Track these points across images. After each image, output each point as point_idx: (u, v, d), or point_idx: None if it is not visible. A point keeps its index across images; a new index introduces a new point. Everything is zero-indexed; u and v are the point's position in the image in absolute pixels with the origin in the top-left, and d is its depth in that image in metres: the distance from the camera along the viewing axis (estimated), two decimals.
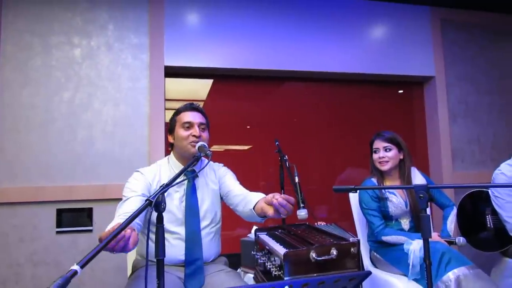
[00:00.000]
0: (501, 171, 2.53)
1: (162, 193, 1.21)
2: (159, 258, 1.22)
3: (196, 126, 1.79)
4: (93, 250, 0.92)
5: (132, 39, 2.83)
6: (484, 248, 2.55)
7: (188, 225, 1.75)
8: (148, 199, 1.18)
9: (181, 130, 1.80)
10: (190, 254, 1.72)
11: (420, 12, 3.46)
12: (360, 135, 3.39)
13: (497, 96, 3.60)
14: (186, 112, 1.84)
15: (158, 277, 1.22)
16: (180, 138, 1.79)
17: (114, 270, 2.63)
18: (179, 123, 1.82)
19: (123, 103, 2.77)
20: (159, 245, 1.22)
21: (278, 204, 1.45)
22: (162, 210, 1.22)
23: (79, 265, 0.86)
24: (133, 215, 1.11)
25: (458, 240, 2.03)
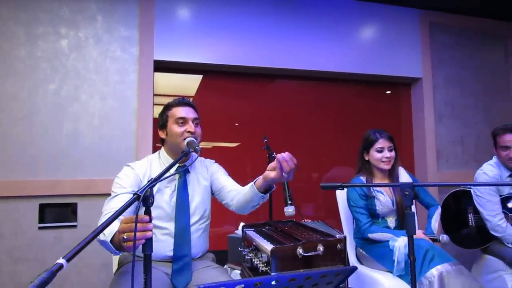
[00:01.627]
0: (483, 171, 2.60)
1: (150, 188, 1.20)
2: (146, 253, 1.21)
3: (190, 122, 1.78)
4: (80, 243, 0.91)
5: (121, 32, 2.79)
6: (466, 246, 2.61)
7: (178, 220, 1.74)
8: (136, 193, 1.17)
9: (175, 126, 1.77)
10: (179, 250, 1.72)
11: (409, 15, 3.50)
12: (348, 133, 3.42)
13: (481, 98, 3.67)
14: (179, 108, 1.81)
15: (145, 272, 1.21)
16: (175, 135, 1.77)
17: (100, 266, 2.60)
18: (172, 118, 1.79)
19: (110, 96, 2.73)
20: (146, 240, 1.20)
21: (282, 158, 1.45)
22: (150, 205, 1.21)
23: (65, 258, 0.85)
24: (121, 209, 1.10)
25: (441, 238, 2.07)
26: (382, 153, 2.33)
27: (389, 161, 2.32)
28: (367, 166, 2.41)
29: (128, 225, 1.18)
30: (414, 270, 1.45)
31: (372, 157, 2.36)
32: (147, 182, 1.22)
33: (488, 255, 2.55)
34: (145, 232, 1.15)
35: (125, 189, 1.65)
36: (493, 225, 2.44)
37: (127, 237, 1.17)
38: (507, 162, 2.51)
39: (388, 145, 2.33)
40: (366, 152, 2.40)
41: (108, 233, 1.32)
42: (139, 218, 1.14)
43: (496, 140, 2.57)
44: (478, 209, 2.53)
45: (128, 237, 1.17)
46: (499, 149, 2.54)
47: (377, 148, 2.34)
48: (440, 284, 1.89)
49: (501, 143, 2.52)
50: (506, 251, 2.41)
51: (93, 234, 0.95)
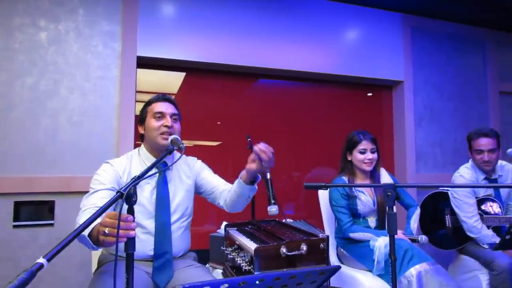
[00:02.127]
0: (460, 173, 2.67)
1: (134, 186, 1.18)
2: (128, 252, 1.18)
3: (168, 117, 1.77)
4: (61, 242, 0.88)
5: (103, 26, 2.73)
6: (443, 246, 2.67)
7: (158, 218, 1.71)
8: (120, 191, 1.15)
9: (152, 120, 1.76)
10: (159, 247, 1.69)
11: (392, 19, 3.56)
12: (329, 134, 3.45)
13: (459, 102, 3.77)
14: (158, 103, 1.81)
15: (127, 272, 1.19)
16: (151, 129, 1.76)
17: (77, 266, 2.54)
18: (151, 113, 1.79)
19: (91, 92, 2.67)
20: (129, 239, 1.18)
21: (259, 150, 1.55)
22: (133, 203, 1.19)
23: (45, 258, 0.82)
24: (104, 207, 1.08)
25: (420, 238, 2.11)
26: (364, 155, 2.36)
27: (371, 162, 2.36)
28: (349, 167, 2.44)
29: (111, 221, 1.16)
30: (395, 269, 1.48)
31: (355, 158, 2.39)
32: (131, 180, 1.20)
33: (464, 256, 2.62)
34: (127, 231, 1.14)
35: (105, 185, 1.62)
36: (469, 227, 2.51)
37: (108, 232, 1.15)
38: (482, 165, 2.58)
39: (371, 147, 2.36)
40: (349, 152, 2.43)
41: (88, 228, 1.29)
42: (123, 217, 1.12)
43: (471, 144, 2.64)
44: (455, 210, 2.60)
45: (110, 233, 1.15)
46: (474, 153, 2.61)
47: (360, 149, 2.36)
48: (419, 283, 1.93)
49: (476, 147, 2.59)
50: (481, 251, 2.47)
51: (75, 233, 0.92)
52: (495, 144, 2.55)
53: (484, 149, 2.54)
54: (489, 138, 2.55)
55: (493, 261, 2.33)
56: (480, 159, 2.56)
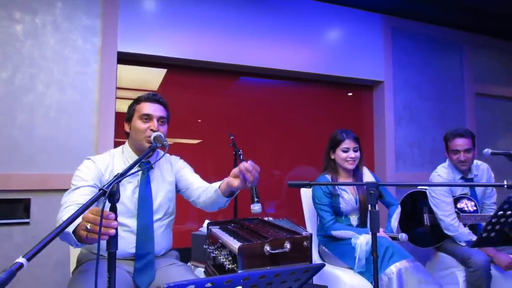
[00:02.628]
0: (437, 173, 2.73)
1: (117, 183, 1.16)
2: (111, 250, 1.16)
3: (155, 120, 1.73)
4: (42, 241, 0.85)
5: (82, 20, 2.66)
6: (421, 244, 2.73)
7: (141, 218, 1.68)
8: (102, 188, 1.12)
9: (139, 121, 1.72)
10: (141, 247, 1.66)
11: (373, 19, 3.61)
12: (311, 133, 3.47)
13: (437, 103, 3.86)
14: (147, 103, 1.76)
15: (109, 271, 1.16)
16: (137, 130, 1.72)
17: (54, 265, 2.47)
18: (138, 113, 1.74)
19: (70, 87, 2.60)
20: (111, 237, 1.15)
21: (244, 169, 1.44)
22: (116, 201, 1.17)
23: (25, 257, 0.80)
24: (87, 204, 1.05)
25: (400, 236, 2.15)
26: (347, 153, 2.38)
27: (353, 161, 2.38)
28: (332, 165, 2.46)
29: (93, 216, 1.14)
30: (377, 266, 1.50)
31: (338, 156, 2.41)
32: (114, 177, 1.18)
33: (441, 253, 2.68)
34: (108, 228, 1.11)
35: (87, 182, 1.58)
36: (446, 225, 2.57)
37: (90, 227, 1.14)
38: (458, 165, 2.64)
39: (354, 146, 2.39)
40: (332, 151, 2.45)
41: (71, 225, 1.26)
42: (105, 214, 1.09)
43: (447, 144, 2.70)
44: (433, 209, 2.65)
45: (91, 229, 1.14)
46: (451, 153, 2.67)
47: (343, 148, 2.39)
48: (399, 280, 1.96)
49: (452, 147, 2.65)
50: (458, 249, 2.53)
51: (56, 231, 0.89)
52: (470, 144, 2.61)
53: (460, 149, 2.60)
54: (465, 138, 2.61)
55: (470, 258, 2.39)
56: (457, 159, 2.62)
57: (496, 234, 1.74)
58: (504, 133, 4.21)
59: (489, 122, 4.13)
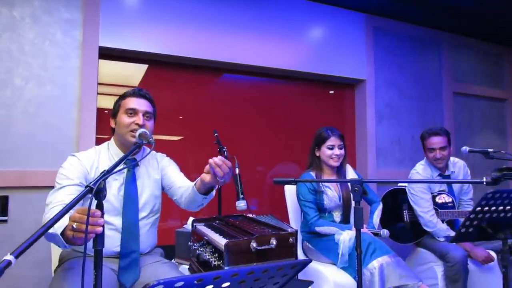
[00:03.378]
0: (416, 171, 2.80)
1: (103, 180, 1.14)
2: (97, 248, 1.14)
3: (140, 114, 1.70)
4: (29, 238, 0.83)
5: (62, 13, 2.59)
6: (401, 240, 2.79)
7: (126, 216, 1.66)
8: (89, 185, 1.10)
9: (124, 116, 1.70)
10: (126, 246, 1.64)
11: (356, 18, 3.65)
12: (293, 130, 3.49)
13: (416, 101, 3.94)
14: (133, 98, 1.74)
15: (96, 268, 1.15)
16: (122, 125, 1.69)
17: (31, 264, 2.40)
18: (123, 108, 1.72)
19: (49, 82, 2.54)
20: (98, 235, 1.14)
21: (214, 163, 1.41)
22: (103, 198, 1.15)
23: (13, 255, 0.78)
24: (73, 202, 1.04)
25: (382, 232, 2.19)
26: (332, 150, 2.41)
27: (338, 158, 2.41)
28: (317, 162, 2.48)
29: (79, 215, 1.13)
30: (361, 261, 1.53)
31: (323, 153, 2.43)
32: (100, 174, 1.16)
33: (420, 248, 2.75)
34: (94, 226, 1.10)
35: (72, 180, 1.55)
36: (425, 221, 2.63)
37: (76, 227, 1.13)
38: (435, 162, 2.72)
39: (339, 143, 2.42)
40: (317, 148, 2.47)
41: (57, 226, 1.24)
42: (91, 212, 1.08)
43: (424, 143, 2.77)
44: (413, 206, 2.72)
45: (77, 228, 1.13)
46: (427, 151, 2.74)
47: (328, 145, 2.41)
48: (381, 275, 2.01)
49: (428, 146, 2.72)
50: (436, 245, 2.60)
51: (44, 228, 0.88)
52: (446, 142, 2.69)
53: (436, 147, 2.67)
54: (440, 136, 2.68)
55: (448, 254, 2.46)
56: (433, 156, 2.69)
57: (474, 229, 1.80)
58: (480, 131, 4.34)
59: (466, 121, 4.25)
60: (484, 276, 2.55)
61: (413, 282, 2.04)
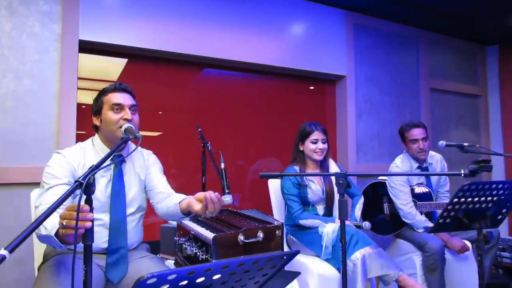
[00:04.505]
0: (395, 164, 2.88)
1: (93, 175, 1.13)
2: (87, 243, 1.14)
3: (127, 108, 1.68)
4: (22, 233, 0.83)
5: (40, 6, 2.52)
6: (381, 232, 2.87)
7: (114, 212, 1.64)
8: (78, 180, 1.10)
9: (111, 112, 1.66)
10: (114, 242, 1.63)
11: (336, 15, 3.69)
12: (274, 126, 3.51)
13: (395, 97, 4.04)
14: (115, 93, 1.70)
15: (85, 263, 1.14)
16: (110, 122, 1.66)
17: (12, 263, 2.33)
18: (108, 104, 1.68)
19: (27, 76, 2.47)
20: (87, 230, 1.13)
21: (210, 199, 1.42)
22: (92, 193, 1.15)
23: (7, 249, 0.77)
24: (63, 197, 1.04)
25: (364, 225, 2.25)
26: (316, 145, 2.45)
27: (322, 152, 2.45)
28: (301, 156, 2.51)
29: (68, 212, 1.13)
30: (345, 252, 1.57)
31: (307, 148, 2.47)
32: (89, 169, 1.15)
33: (400, 240, 2.83)
34: (83, 222, 1.10)
35: (60, 179, 1.52)
36: (404, 213, 2.71)
37: (66, 224, 1.13)
38: (418, 154, 2.79)
39: (322, 137, 2.46)
40: (301, 143, 2.51)
41: (51, 227, 1.22)
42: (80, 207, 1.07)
43: (405, 135, 2.84)
44: (392, 199, 2.80)
45: (67, 225, 1.12)
46: (410, 143, 2.81)
47: (312, 139, 2.45)
48: (363, 265, 2.07)
49: (410, 137, 2.79)
50: (415, 236, 2.68)
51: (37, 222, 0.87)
52: (425, 133, 2.79)
53: (418, 138, 2.76)
54: (421, 128, 2.79)
55: (426, 244, 2.54)
56: (417, 147, 2.77)
57: (451, 220, 1.87)
58: (456, 126, 4.49)
59: (442, 116, 4.39)
60: (460, 265, 2.66)
61: (393, 272, 2.11)
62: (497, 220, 2.00)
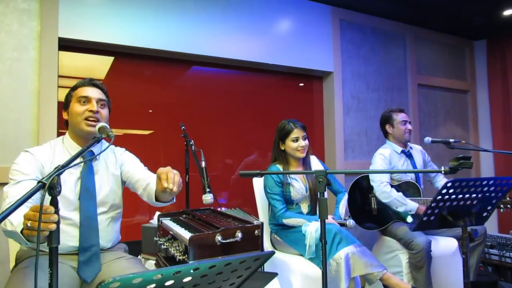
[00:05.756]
0: (378, 152, 2.94)
1: (57, 175, 1.10)
2: (52, 245, 1.10)
3: (93, 101, 1.65)
4: None
5: (18, 4, 2.47)
6: (369, 227, 2.85)
7: (83, 209, 1.61)
8: (41, 181, 1.06)
9: (77, 104, 1.65)
10: (85, 240, 1.59)
11: (322, 11, 3.66)
12: (263, 123, 3.49)
13: (383, 93, 4.01)
14: (84, 87, 1.69)
15: (51, 266, 1.11)
16: (75, 114, 1.64)
17: None
18: (75, 97, 1.67)
19: (5, 75, 2.42)
20: (52, 232, 1.10)
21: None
22: (56, 194, 1.11)
23: None
24: (25, 197, 1.00)
25: (348, 223, 2.23)
26: (297, 143, 2.41)
27: (304, 149, 2.42)
28: (283, 155, 2.48)
29: (32, 213, 1.10)
30: (326, 252, 1.54)
31: (288, 146, 2.43)
32: (54, 169, 1.12)
33: (386, 237, 2.81)
34: (47, 224, 1.06)
35: (28, 175, 1.49)
36: (379, 193, 2.73)
37: (30, 225, 1.10)
38: (406, 135, 2.90)
39: (302, 134, 2.43)
40: (281, 142, 2.47)
41: (17, 223, 1.19)
42: (43, 208, 1.04)
43: (393, 118, 2.94)
44: (370, 180, 2.82)
45: (31, 226, 1.10)
46: (399, 124, 2.91)
47: (293, 138, 2.41)
48: (346, 264, 2.05)
49: (399, 120, 2.92)
50: (401, 233, 2.66)
51: None
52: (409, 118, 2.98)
53: (407, 120, 2.93)
54: (405, 113, 2.98)
55: (412, 241, 2.53)
56: (405, 128, 2.90)
57: (435, 217, 1.86)
58: (444, 122, 4.48)
59: (430, 112, 4.37)
60: (446, 262, 2.65)
61: (378, 271, 2.09)
62: (482, 217, 1.99)
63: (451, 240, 2.75)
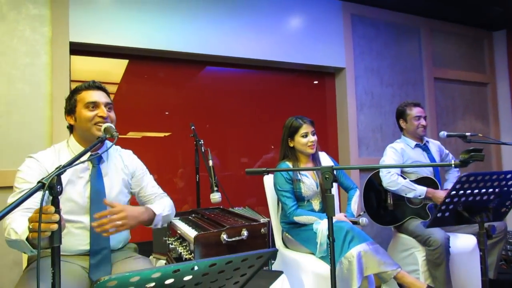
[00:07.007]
0: (390, 145, 2.89)
1: (57, 175, 1.11)
2: (53, 245, 1.11)
3: (102, 106, 1.66)
4: None
5: (30, 10, 2.53)
6: (385, 223, 2.79)
7: (94, 213, 1.62)
8: (41, 181, 1.07)
9: (85, 110, 1.64)
10: (96, 243, 1.61)
11: (333, 6, 3.61)
12: (277, 122, 3.46)
13: (397, 88, 3.92)
14: (89, 91, 1.68)
15: (53, 266, 1.12)
16: (85, 120, 1.64)
17: (10, 264, 2.37)
18: (82, 103, 1.66)
19: (19, 80, 2.48)
20: (53, 232, 1.11)
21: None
22: (57, 194, 1.12)
23: None
24: (23, 198, 1.01)
25: (361, 221, 2.18)
26: (307, 138, 2.38)
27: (314, 144, 2.38)
28: (292, 152, 2.44)
29: (35, 215, 1.12)
30: (334, 250, 1.51)
31: (298, 143, 2.39)
32: (55, 169, 1.13)
33: (402, 235, 2.74)
34: (48, 224, 1.08)
35: (31, 183, 1.51)
36: (387, 183, 2.67)
37: (32, 227, 1.12)
38: (420, 130, 2.83)
39: (311, 130, 2.39)
40: (290, 139, 2.43)
41: (21, 231, 1.21)
42: (43, 209, 1.05)
43: (407, 113, 2.87)
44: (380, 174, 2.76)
45: (33, 228, 1.12)
46: (413, 119, 2.84)
47: (302, 133, 2.37)
48: (359, 262, 2.00)
49: (414, 115, 2.84)
50: (418, 229, 2.58)
51: None
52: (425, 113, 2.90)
53: (421, 115, 2.84)
54: (421, 107, 2.89)
55: (429, 237, 2.45)
56: (419, 124, 2.82)
57: (450, 213, 1.79)
58: (463, 116, 4.35)
59: (448, 106, 4.25)
60: (465, 259, 2.56)
61: (392, 269, 2.03)
62: (500, 213, 1.91)
63: (469, 237, 2.65)
